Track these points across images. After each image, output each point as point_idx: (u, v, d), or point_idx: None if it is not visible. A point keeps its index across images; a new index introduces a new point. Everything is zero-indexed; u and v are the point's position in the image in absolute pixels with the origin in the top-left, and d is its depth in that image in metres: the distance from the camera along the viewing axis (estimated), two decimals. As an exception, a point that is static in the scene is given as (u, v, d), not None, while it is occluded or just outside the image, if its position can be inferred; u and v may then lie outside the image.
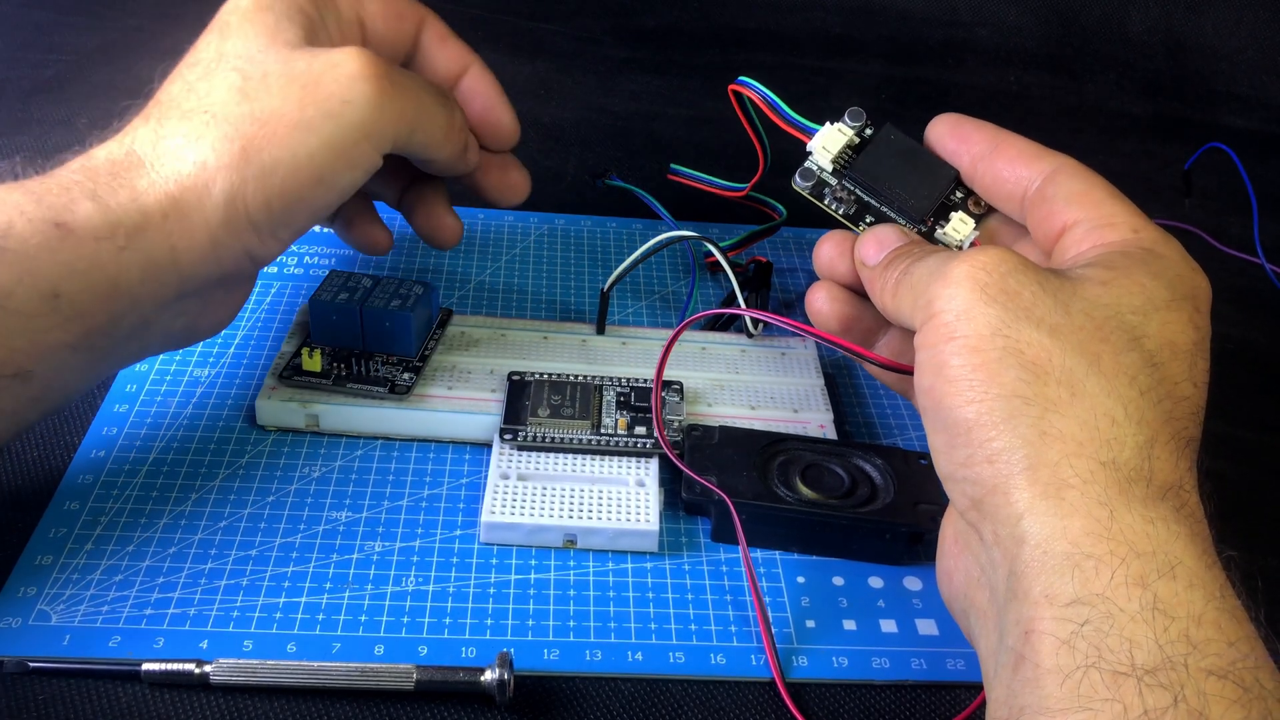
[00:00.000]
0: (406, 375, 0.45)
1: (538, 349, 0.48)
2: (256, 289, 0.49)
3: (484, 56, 0.46)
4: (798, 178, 0.42)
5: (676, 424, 0.43)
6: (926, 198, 0.40)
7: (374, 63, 0.38)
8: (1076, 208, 0.36)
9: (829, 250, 0.41)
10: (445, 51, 0.46)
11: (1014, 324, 0.31)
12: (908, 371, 0.35)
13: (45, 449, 0.42)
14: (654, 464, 0.42)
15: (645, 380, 0.45)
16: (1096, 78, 0.88)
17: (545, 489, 0.41)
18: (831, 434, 0.45)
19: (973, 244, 0.40)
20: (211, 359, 0.47)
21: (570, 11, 0.88)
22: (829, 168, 0.41)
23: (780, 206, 0.55)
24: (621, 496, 0.41)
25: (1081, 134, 0.82)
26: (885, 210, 0.41)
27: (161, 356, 0.47)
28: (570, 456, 0.42)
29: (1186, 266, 0.34)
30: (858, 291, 0.41)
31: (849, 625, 0.38)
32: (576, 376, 0.45)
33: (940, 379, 0.31)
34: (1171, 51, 0.89)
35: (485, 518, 0.39)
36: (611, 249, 0.58)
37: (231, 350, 0.48)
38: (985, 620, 0.31)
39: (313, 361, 0.44)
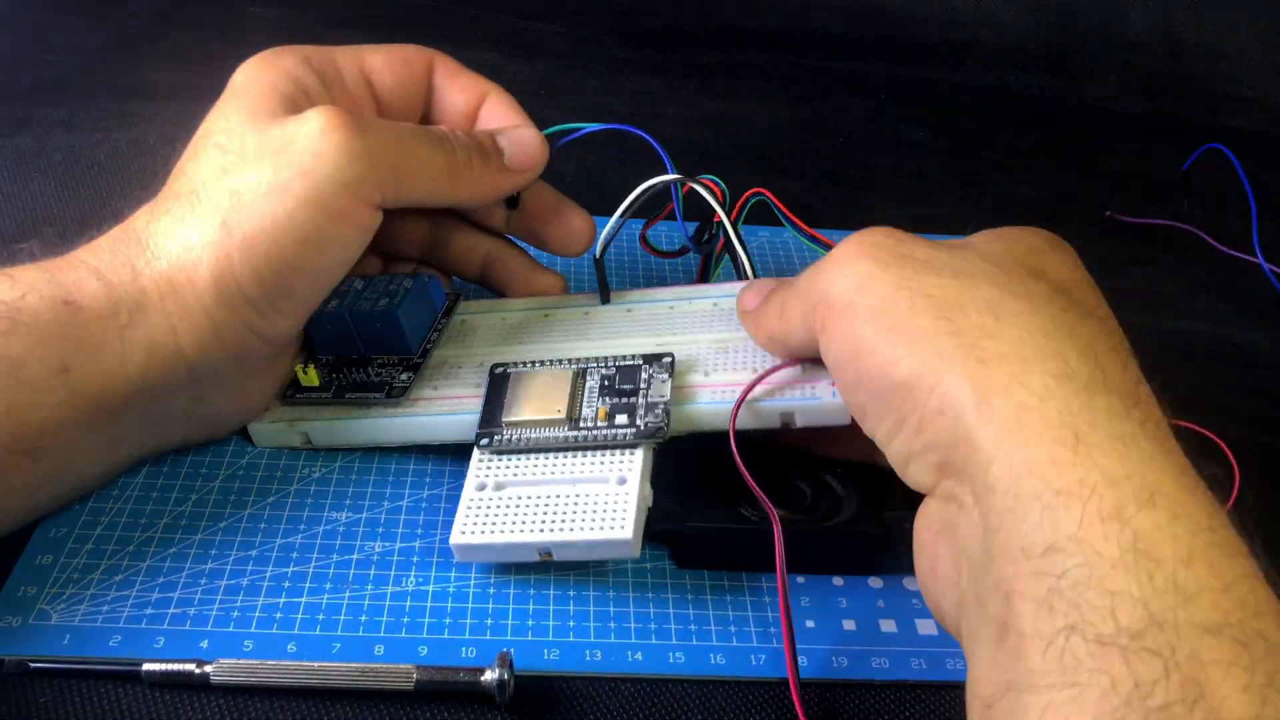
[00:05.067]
0: (405, 375, 0.43)
1: (537, 330, 0.45)
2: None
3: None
4: None
5: (661, 406, 0.39)
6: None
7: (339, 114, 0.38)
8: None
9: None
10: (459, 84, 0.45)
11: (915, 277, 0.30)
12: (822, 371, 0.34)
13: (45, 449, 0.42)
14: (638, 457, 0.38)
15: (636, 356, 0.42)
16: (1096, 78, 0.88)
17: (519, 499, 0.38)
18: None
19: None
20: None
21: (570, 11, 0.88)
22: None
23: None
24: (598, 501, 0.38)
25: (1081, 134, 0.82)
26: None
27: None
28: (547, 457, 0.39)
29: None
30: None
31: (849, 625, 0.38)
32: (560, 363, 0.42)
33: (858, 353, 0.30)
34: (1171, 51, 0.89)
35: (454, 539, 0.37)
36: (611, 249, 0.58)
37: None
38: (974, 610, 0.28)
39: (309, 377, 0.42)
